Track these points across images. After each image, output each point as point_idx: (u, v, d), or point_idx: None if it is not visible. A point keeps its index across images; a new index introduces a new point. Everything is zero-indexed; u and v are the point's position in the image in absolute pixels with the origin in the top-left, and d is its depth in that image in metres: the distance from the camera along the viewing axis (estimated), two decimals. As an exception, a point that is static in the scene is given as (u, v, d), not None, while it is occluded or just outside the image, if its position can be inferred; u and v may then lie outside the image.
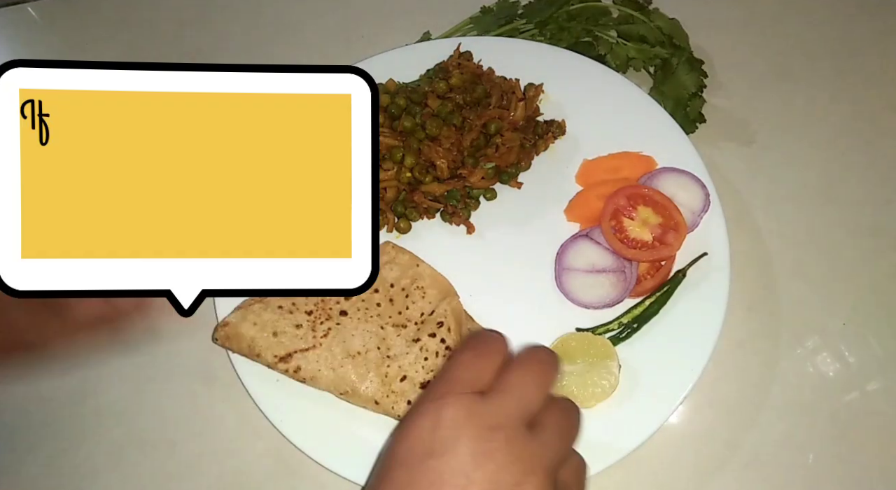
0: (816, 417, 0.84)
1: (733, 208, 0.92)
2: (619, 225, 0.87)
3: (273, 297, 0.82)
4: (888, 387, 0.85)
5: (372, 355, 0.79)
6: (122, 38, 1.19)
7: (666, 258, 0.86)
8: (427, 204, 0.91)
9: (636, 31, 1.00)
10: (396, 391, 0.77)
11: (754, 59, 1.06)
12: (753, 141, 1.00)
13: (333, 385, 0.79)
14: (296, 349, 0.79)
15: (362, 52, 1.02)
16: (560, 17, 1.02)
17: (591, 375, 0.79)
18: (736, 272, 0.84)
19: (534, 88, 0.95)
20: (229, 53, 1.14)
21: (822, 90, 1.03)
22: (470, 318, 0.85)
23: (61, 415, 0.91)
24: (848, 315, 0.89)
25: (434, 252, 0.88)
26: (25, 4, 1.22)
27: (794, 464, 0.82)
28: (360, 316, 0.82)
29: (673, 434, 0.84)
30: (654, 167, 0.90)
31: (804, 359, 0.87)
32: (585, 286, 0.85)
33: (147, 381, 0.92)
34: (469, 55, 0.97)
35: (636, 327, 0.83)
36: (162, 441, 0.89)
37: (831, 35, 1.07)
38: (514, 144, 0.91)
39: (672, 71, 0.97)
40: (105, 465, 0.88)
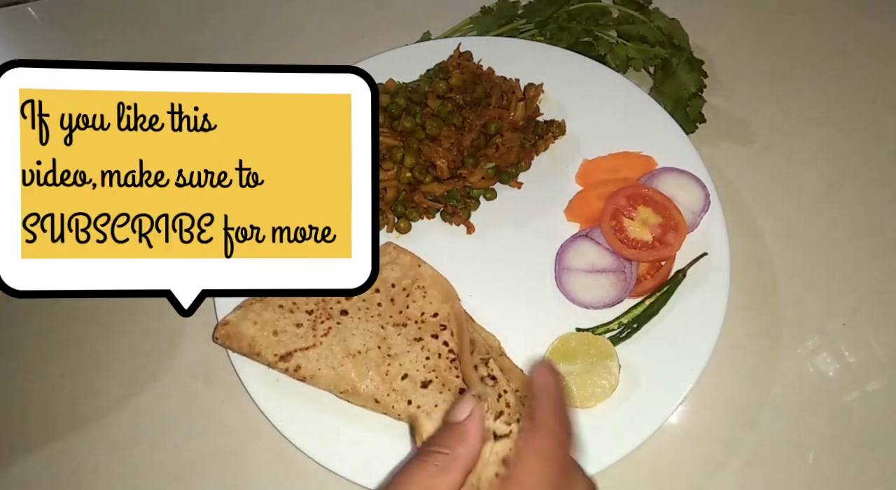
0: (816, 417, 0.84)
1: (733, 208, 0.92)
2: (619, 225, 0.87)
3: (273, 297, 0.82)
4: (888, 387, 0.85)
5: (372, 354, 0.79)
6: (122, 38, 1.19)
7: (666, 258, 0.86)
8: (427, 204, 0.91)
9: (636, 31, 1.00)
10: (397, 389, 0.77)
11: (754, 59, 1.06)
12: (753, 141, 1.00)
13: (333, 384, 0.79)
14: (296, 348, 0.79)
15: (362, 52, 1.02)
16: (560, 17, 1.02)
17: (591, 375, 0.79)
18: (736, 272, 0.84)
19: (534, 88, 0.95)
20: (229, 53, 1.14)
21: (822, 90, 1.03)
22: (471, 319, 0.85)
23: (60, 415, 0.91)
24: (848, 315, 0.89)
25: (434, 252, 0.88)
26: (25, 4, 1.22)
27: (794, 464, 0.82)
28: (361, 315, 0.82)
29: (673, 434, 0.84)
30: (654, 167, 0.90)
31: (804, 359, 0.87)
32: (585, 286, 0.85)
33: (147, 381, 0.92)
34: (469, 55, 0.97)
35: (636, 327, 0.83)
36: (162, 441, 0.89)
37: (831, 35, 1.07)
38: (514, 144, 0.91)
39: (672, 71, 0.97)
40: (105, 465, 0.88)
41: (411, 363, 0.78)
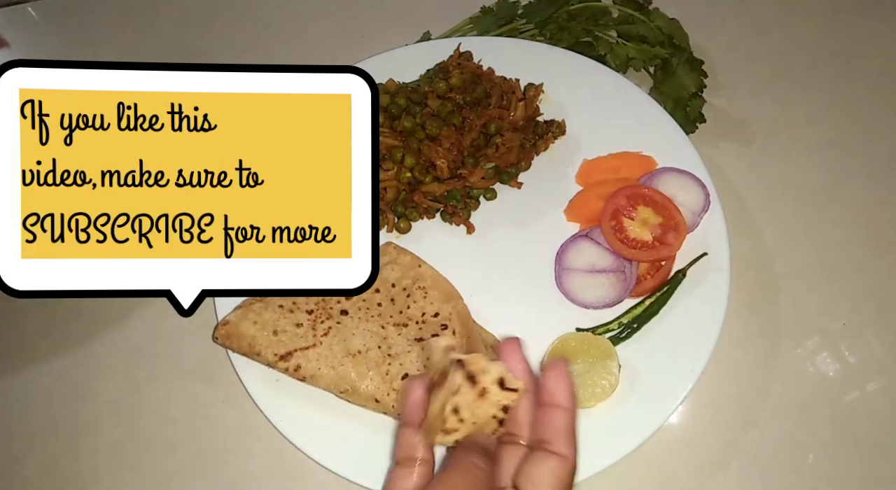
0: (816, 417, 0.84)
1: (733, 208, 0.92)
2: (619, 225, 0.87)
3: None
4: (888, 387, 0.85)
5: (372, 354, 0.79)
6: (122, 38, 1.19)
7: (666, 258, 0.86)
8: (427, 204, 0.91)
9: (636, 31, 1.00)
10: (398, 389, 0.77)
11: (754, 59, 1.06)
12: (753, 141, 1.00)
13: (333, 383, 0.79)
14: (296, 348, 0.79)
15: (362, 52, 1.02)
16: (560, 17, 1.02)
17: (591, 375, 0.79)
18: (736, 272, 0.84)
19: (534, 88, 0.95)
20: (229, 53, 1.14)
21: (822, 90, 1.03)
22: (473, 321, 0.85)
23: (61, 415, 0.91)
24: (848, 315, 0.89)
25: (434, 252, 0.88)
26: (25, 4, 1.22)
27: (794, 464, 0.82)
28: (361, 315, 0.82)
29: (673, 434, 0.84)
30: (654, 167, 0.90)
31: (804, 359, 0.87)
32: (585, 286, 0.85)
33: (147, 381, 0.92)
34: (469, 55, 0.97)
35: (636, 327, 0.83)
36: (162, 441, 0.89)
37: (831, 35, 1.07)
38: (514, 144, 0.91)
39: (672, 71, 0.97)
40: (105, 465, 0.88)
41: (412, 363, 0.78)
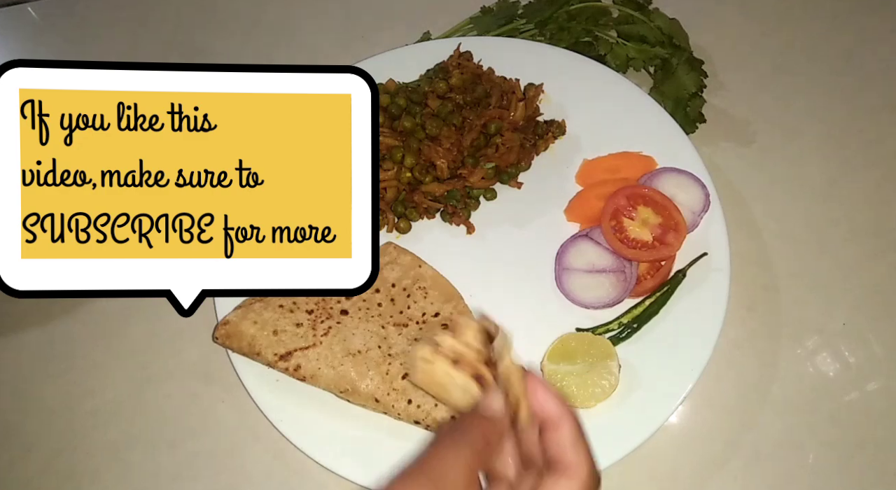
0: (816, 417, 0.84)
1: (733, 208, 0.92)
2: (619, 225, 0.87)
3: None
4: (888, 387, 0.85)
5: (372, 354, 0.79)
6: (122, 38, 1.19)
7: (666, 258, 0.86)
8: (427, 204, 0.91)
9: (636, 31, 1.00)
10: (398, 389, 0.77)
11: (754, 59, 1.06)
12: (753, 141, 1.00)
13: (333, 383, 0.79)
14: (296, 347, 0.79)
15: (362, 52, 1.02)
16: (560, 17, 1.02)
17: (591, 375, 0.79)
18: (736, 272, 0.84)
19: (534, 88, 0.95)
20: (229, 53, 1.14)
21: (822, 90, 1.03)
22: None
23: (60, 415, 0.91)
24: (848, 315, 0.89)
25: (434, 252, 0.88)
26: (25, 4, 1.22)
27: (794, 464, 0.82)
28: (361, 315, 0.82)
29: (673, 434, 0.84)
30: (654, 167, 0.90)
31: (804, 359, 0.87)
32: (585, 286, 0.85)
33: (147, 381, 0.92)
34: (469, 55, 0.97)
35: (636, 327, 0.83)
36: (162, 441, 0.89)
37: (831, 35, 1.07)
38: (514, 144, 0.91)
39: (672, 71, 0.97)
40: (105, 465, 0.88)
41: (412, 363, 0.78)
